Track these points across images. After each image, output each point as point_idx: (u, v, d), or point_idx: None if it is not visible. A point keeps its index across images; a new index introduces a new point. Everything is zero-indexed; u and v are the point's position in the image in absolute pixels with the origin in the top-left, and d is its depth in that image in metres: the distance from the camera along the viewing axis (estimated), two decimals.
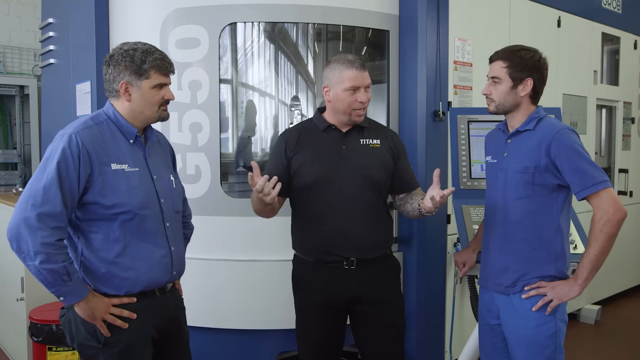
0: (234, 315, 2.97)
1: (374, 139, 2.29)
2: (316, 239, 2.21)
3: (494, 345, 2.22)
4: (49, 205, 1.67)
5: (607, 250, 1.97)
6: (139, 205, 1.82)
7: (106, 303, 1.79)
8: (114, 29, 3.27)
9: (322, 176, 2.18)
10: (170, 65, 1.90)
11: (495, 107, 2.14)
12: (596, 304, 4.59)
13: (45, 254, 1.65)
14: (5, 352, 3.67)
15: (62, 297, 1.72)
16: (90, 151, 1.75)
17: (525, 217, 2.07)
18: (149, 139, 1.95)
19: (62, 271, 1.67)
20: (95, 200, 1.76)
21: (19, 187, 4.41)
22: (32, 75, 5.68)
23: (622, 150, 4.90)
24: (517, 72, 2.07)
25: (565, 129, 2.03)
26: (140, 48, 1.84)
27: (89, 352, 1.82)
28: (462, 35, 3.28)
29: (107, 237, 1.79)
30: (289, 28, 3.32)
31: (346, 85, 2.15)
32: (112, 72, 1.85)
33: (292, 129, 2.36)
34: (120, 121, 1.87)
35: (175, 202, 2.00)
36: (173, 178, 2.02)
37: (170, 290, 1.99)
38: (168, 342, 1.99)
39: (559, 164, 1.99)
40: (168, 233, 1.92)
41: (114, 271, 1.80)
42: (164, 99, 1.89)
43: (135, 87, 1.84)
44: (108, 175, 1.78)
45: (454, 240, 3.22)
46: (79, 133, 1.76)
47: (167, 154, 2.08)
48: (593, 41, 4.46)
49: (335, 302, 2.23)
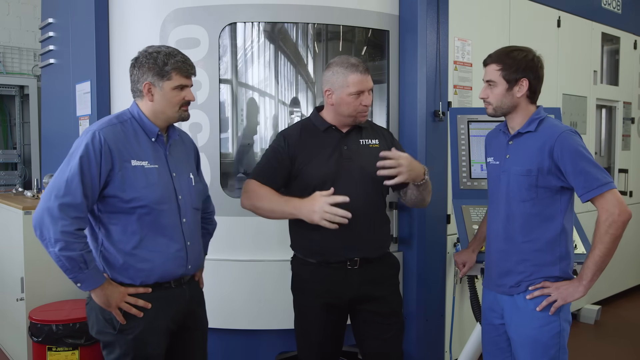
0: (234, 315, 2.97)
1: (373, 139, 2.31)
2: (320, 240, 2.20)
3: (497, 345, 2.23)
4: (70, 196, 1.78)
5: (612, 252, 1.97)
6: (156, 201, 1.91)
7: (122, 292, 1.88)
8: (114, 29, 3.27)
9: (326, 177, 2.18)
10: (191, 68, 1.99)
11: (493, 109, 2.13)
12: (596, 304, 4.60)
13: (64, 241, 1.75)
14: (5, 352, 3.67)
15: (79, 283, 1.82)
16: (112, 147, 1.85)
17: (529, 219, 2.07)
18: (171, 137, 2.04)
19: (79, 259, 1.77)
20: (115, 194, 1.86)
21: (19, 187, 4.41)
22: (32, 75, 5.68)
23: (622, 150, 4.90)
24: (511, 74, 2.06)
25: (568, 131, 2.02)
26: (163, 51, 1.94)
27: (106, 339, 1.93)
28: (462, 35, 3.28)
29: (125, 230, 1.89)
30: (289, 28, 3.31)
31: (351, 90, 2.16)
32: (136, 73, 1.96)
33: (292, 128, 2.35)
34: (143, 120, 1.97)
35: (194, 199, 2.07)
36: (193, 176, 2.10)
37: (187, 283, 2.06)
38: (184, 333, 2.07)
39: (562, 167, 1.99)
40: (184, 228, 2.00)
41: (131, 262, 1.89)
42: (184, 100, 1.97)
43: (158, 87, 1.93)
44: (128, 171, 1.88)
45: (454, 240, 3.22)
46: (103, 130, 1.87)
47: (190, 153, 2.16)
48: (593, 41, 4.46)
49: (337, 302, 2.23)
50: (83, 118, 3.49)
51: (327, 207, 2.03)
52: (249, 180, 2.25)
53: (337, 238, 2.17)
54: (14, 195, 3.96)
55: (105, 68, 3.29)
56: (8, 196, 3.85)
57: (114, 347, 1.91)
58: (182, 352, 2.10)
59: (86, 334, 2.96)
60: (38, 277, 3.23)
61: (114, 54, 3.28)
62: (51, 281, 3.26)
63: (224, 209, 2.84)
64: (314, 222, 2.05)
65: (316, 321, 2.26)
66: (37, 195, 3.76)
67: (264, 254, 2.95)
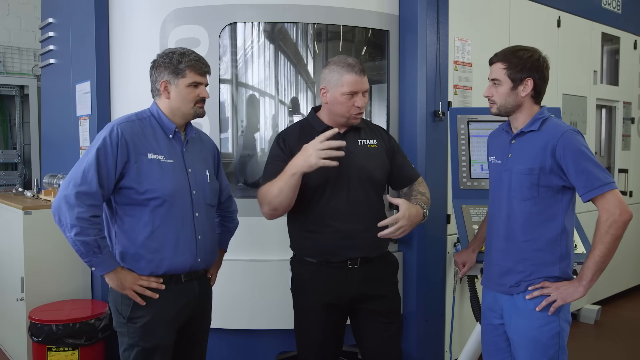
0: (234, 315, 2.97)
1: (371, 140, 2.31)
2: (321, 240, 2.20)
3: (497, 345, 2.22)
4: (86, 185, 1.89)
5: (612, 252, 1.97)
6: (170, 193, 1.99)
7: (135, 276, 1.98)
8: (114, 29, 3.27)
9: (327, 178, 2.18)
10: (205, 66, 2.07)
11: (498, 109, 2.13)
12: (596, 304, 4.60)
13: (79, 227, 1.86)
14: (5, 352, 3.67)
15: (93, 267, 1.93)
16: (129, 141, 1.95)
17: (530, 218, 2.07)
18: (188, 135, 2.13)
19: (93, 244, 1.88)
20: (130, 186, 1.95)
21: (19, 187, 4.41)
22: (32, 75, 5.68)
23: (622, 150, 4.90)
24: (516, 73, 2.06)
25: (570, 131, 2.02)
26: (178, 51, 2.05)
27: (120, 329, 2.03)
28: (462, 35, 3.28)
29: (138, 221, 1.98)
30: (289, 28, 3.31)
31: (345, 89, 2.15)
32: (154, 73, 2.07)
33: (290, 129, 2.34)
34: (161, 118, 2.06)
35: (208, 195, 2.14)
36: (209, 174, 2.17)
37: (198, 278, 2.12)
38: (189, 329, 2.13)
39: (564, 166, 1.99)
40: (196, 222, 2.07)
41: (142, 252, 1.98)
42: (199, 97, 2.06)
43: (173, 85, 2.03)
44: (143, 164, 1.97)
45: (454, 240, 3.22)
46: (121, 125, 1.98)
47: (208, 152, 2.24)
48: (593, 41, 4.46)
49: (338, 301, 2.23)
50: (83, 118, 3.49)
51: (318, 144, 2.01)
52: (259, 190, 2.23)
53: (338, 238, 2.18)
54: (14, 195, 3.96)
55: (105, 68, 3.30)
56: (8, 196, 3.86)
57: (125, 337, 2.00)
58: (184, 348, 2.14)
59: (86, 334, 2.96)
60: (38, 277, 3.24)
61: (114, 54, 3.28)
62: (51, 281, 3.26)
63: None
64: (314, 167, 2.01)
65: (317, 321, 2.26)
66: (37, 195, 3.75)
67: (264, 254, 2.95)
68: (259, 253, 2.95)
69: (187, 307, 2.08)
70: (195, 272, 2.10)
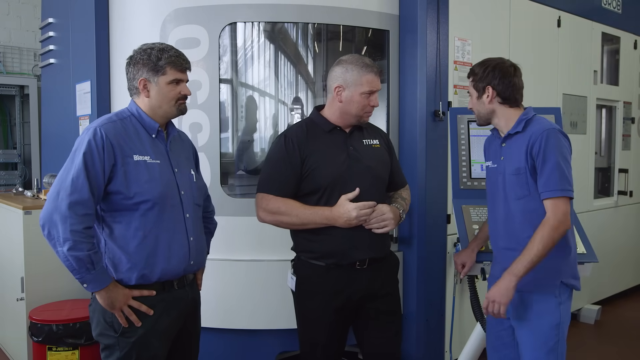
0: (234, 315, 2.97)
1: (374, 139, 2.32)
2: (330, 243, 2.18)
3: (502, 340, 2.27)
4: (78, 194, 1.78)
5: (547, 253, 2.02)
6: (159, 195, 1.91)
7: (126, 294, 1.87)
8: (114, 29, 3.27)
9: (337, 178, 2.17)
10: (185, 62, 1.99)
11: (476, 118, 2.27)
12: (596, 304, 4.59)
13: (72, 241, 1.75)
14: (5, 352, 3.67)
15: (85, 284, 1.82)
16: (114, 143, 1.86)
17: (528, 216, 2.11)
18: (170, 134, 2.06)
19: (86, 259, 1.77)
20: (118, 190, 1.86)
21: (19, 187, 4.40)
22: (32, 75, 5.68)
23: (622, 150, 4.90)
24: (478, 83, 2.21)
25: (552, 129, 2.07)
26: (157, 47, 1.96)
27: (107, 341, 1.91)
28: (462, 35, 3.28)
29: (128, 227, 1.88)
30: (289, 28, 3.32)
31: (365, 88, 2.18)
32: (132, 70, 1.97)
33: (296, 129, 2.29)
34: (142, 117, 1.97)
35: (195, 195, 2.08)
36: (194, 172, 2.11)
37: (189, 284, 2.06)
38: (182, 335, 2.06)
39: (536, 161, 2.06)
40: (187, 224, 2.00)
41: (134, 260, 1.88)
42: (180, 94, 1.98)
43: (153, 83, 1.95)
44: (130, 166, 1.87)
45: (454, 240, 3.22)
46: (103, 126, 1.87)
47: (189, 150, 2.18)
48: (593, 41, 4.46)
49: (347, 303, 2.22)
50: (83, 118, 3.49)
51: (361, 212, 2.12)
52: (263, 194, 2.21)
53: (347, 240, 2.17)
54: (14, 195, 3.96)
55: (105, 68, 3.29)
56: (8, 196, 3.85)
57: (114, 350, 1.89)
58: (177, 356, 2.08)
59: (86, 334, 2.96)
60: (38, 277, 3.23)
61: (114, 54, 3.28)
62: (51, 281, 3.26)
63: (224, 208, 2.84)
64: (351, 226, 2.13)
65: (324, 323, 2.24)
66: (37, 195, 3.75)
67: (264, 254, 2.95)
68: (259, 253, 2.95)
69: (181, 315, 2.01)
70: (186, 277, 2.03)
